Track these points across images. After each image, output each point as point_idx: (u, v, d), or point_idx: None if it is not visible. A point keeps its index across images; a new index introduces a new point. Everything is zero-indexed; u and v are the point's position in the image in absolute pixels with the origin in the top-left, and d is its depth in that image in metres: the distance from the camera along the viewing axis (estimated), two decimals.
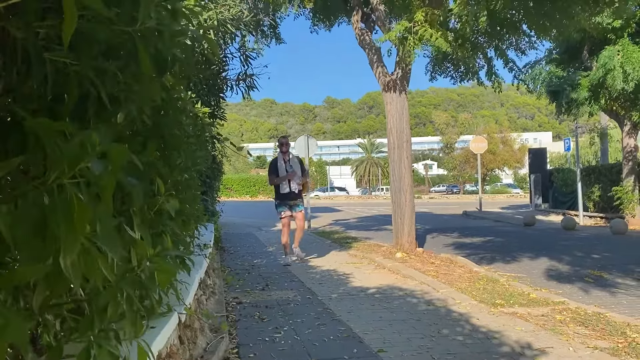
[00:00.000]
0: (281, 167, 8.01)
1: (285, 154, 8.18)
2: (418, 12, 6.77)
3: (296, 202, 8.07)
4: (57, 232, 0.81)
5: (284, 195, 7.96)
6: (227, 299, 5.39)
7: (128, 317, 1.33)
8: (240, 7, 4.98)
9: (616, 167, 16.49)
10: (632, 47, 12.22)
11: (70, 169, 0.84)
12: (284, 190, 7.93)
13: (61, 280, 0.91)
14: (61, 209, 0.82)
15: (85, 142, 0.85)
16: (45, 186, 0.84)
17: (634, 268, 7.51)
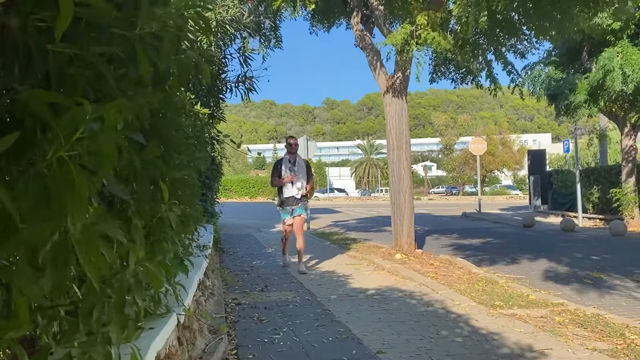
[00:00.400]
0: (285, 167, 7.52)
1: (292, 156, 7.59)
2: (420, 15, 6.78)
3: (297, 206, 7.54)
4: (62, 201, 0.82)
5: (285, 199, 7.45)
6: (226, 300, 5.38)
7: (115, 322, 1.31)
8: (239, 8, 4.98)
9: (615, 168, 16.50)
10: (631, 48, 12.24)
11: (66, 140, 0.84)
12: (286, 194, 7.43)
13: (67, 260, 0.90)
14: (62, 181, 0.82)
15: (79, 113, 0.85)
16: (45, 160, 0.84)
17: (633, 270, 7.51)
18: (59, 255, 0.89)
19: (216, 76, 6.07)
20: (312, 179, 7.69)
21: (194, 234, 4.05)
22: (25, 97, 0.84)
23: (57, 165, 0.83)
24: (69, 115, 0.84)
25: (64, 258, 0.89)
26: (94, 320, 1.20)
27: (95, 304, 1.20)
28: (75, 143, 0.84)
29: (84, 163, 0.85)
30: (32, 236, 0.83)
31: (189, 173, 3.17)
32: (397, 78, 8.49)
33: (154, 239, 1.80)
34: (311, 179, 7.66)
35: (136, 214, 1.64)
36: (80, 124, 0.83)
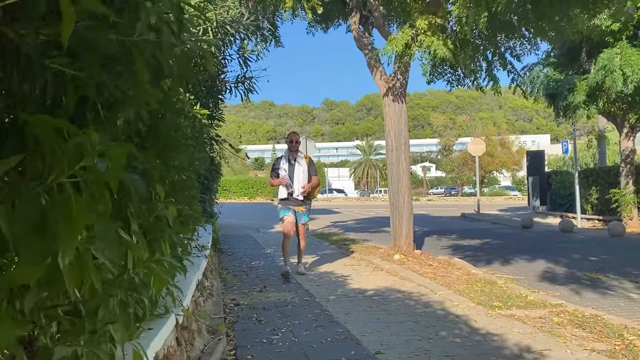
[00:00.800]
0: (284, 167, 7.02)
1: (293, 154, 7.05)
2: (420, 20, 6.79)
3: (300, 210, 7.01)
4: (56, 230, 0.82)
5: (285, 200, 7.02)
6: (224, 300, 5.38)
7: (120, 321, 1.32)
8: (240, 9, 4.99)
9: (614, 169, 16.52)
10: (630, 49, 12.25)
11: (69, 167, 0.84)
12: (283, 195, 6.99)
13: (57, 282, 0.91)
14: (60, 208, 0.83)
15: (85, 142, 0.86)
16: (45, 185, 0.85)
17: (631, 270, 7.52)
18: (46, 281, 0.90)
19: (216, 77, 6.07)
20: (316, 177, 7.10)
21: (193, 234, 4.06)
22: (30, 121, 0.84)
23: (58, 190, 0.83)
24: (74, 143, 0.84)
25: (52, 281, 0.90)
26: (99, 319, 1.21)
27: (100, 303, 1.21)
28: (77, 171, 0.84)
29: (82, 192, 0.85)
30: (23, 277, 0.84)
31: (188, 174, 3.17)
32: (397, 79, 8.49)
33: (151, 238, 1.80)
34: (315, 177, 7.08)
35: (134, 215, 1.64)
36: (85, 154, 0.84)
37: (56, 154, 0.85)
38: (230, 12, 4.66)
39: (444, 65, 9.23)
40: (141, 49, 1.14)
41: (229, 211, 17.17)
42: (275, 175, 7.13)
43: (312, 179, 7.05)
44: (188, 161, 3.13)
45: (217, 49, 5.03)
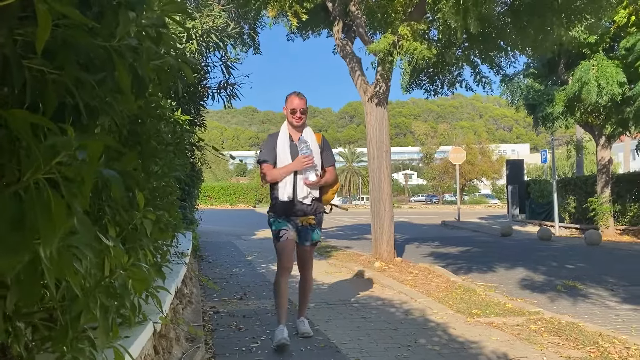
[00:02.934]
0: (284, 148, 4.17)
1: (298, 129, 4.24)
2: (402, 26, 6.88)
3: (308, 222, 4.20)
4: (35, 225, 0.82)
5: (284, 206, 4.13)
6: (204, 308, 5.34)
7: (101, 326, 1.32)
8: (225, 19, 5.00)
9: (591, 179, 16.83)
10: (606, 62, 12.53)
11: (45, 163, 0.84)
12: (284, 195, 4.09)
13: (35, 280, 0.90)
14: (39, 205, 0.82)
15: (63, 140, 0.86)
16: (22, 183, 0.84)
17: (607, 279, 7.65)
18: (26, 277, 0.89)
19: (198, 83, 6.06)
20: (333, 169, 4.34)
21: (173, 241, 4.03)
22: (7, 117, 0.84)
23: (35, 188, 0.83)
24: (51, 141, 0.84)
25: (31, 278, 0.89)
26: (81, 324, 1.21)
27: (83, 308, 1.21)
28: (53, 167, 0.84)
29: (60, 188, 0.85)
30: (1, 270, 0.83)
31: (168, 180, 3.15)
32: (379, 87, 8.56)
33: (129, 247, 1.80)
34: (331, 169, 4.32)
35: (112, 222, 1.64)
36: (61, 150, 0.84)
37: (32, 150, 0.85)
38: (216, 22, 4.66)
39: (422, 76, 9.35)
40: (121, 55, 1.14)
41: (210, 218, 17.07)
42: (269, 160, 4.17)
43: (328, 172, 4.26)
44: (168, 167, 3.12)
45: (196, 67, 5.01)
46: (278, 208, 4.18)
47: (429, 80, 9.67)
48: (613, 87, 12.02)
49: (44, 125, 0.87)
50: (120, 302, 1.67)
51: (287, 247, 4.09)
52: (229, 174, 76.00)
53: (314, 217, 4.21)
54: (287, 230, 4.10)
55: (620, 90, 12.05)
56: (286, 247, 4.09)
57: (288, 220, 4.16)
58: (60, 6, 0.89)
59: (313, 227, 4.22)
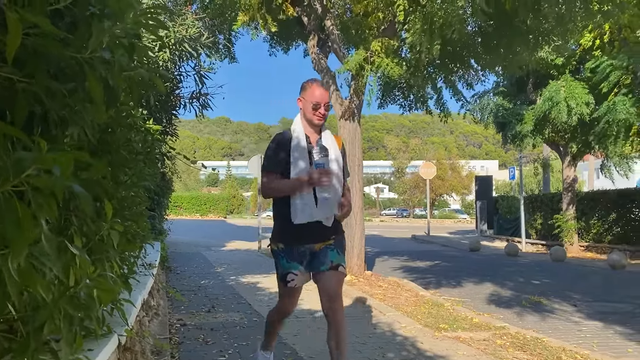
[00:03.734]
0: (302, 153, 3.09)
1: (316, 130, 3.19)
2: (375, 42, 6.98)
3: (327, 245, 3.12)
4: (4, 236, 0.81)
5: (299, 231, 3.06)
6: (171, 320, 5.26)
7: (65, 338, 1.30)
8: (199, 28, 4.99)
9: (557, 196, 17.26)
10: (574, 83, 12.95)
11: (15, 176, 0.83)
12: (304, 215, 3.02)
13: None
14: (8, 216, 0.81)
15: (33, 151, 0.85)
16: None
17: (570, 294, 7.83)
18: None
19: (170, 92, 6.01)
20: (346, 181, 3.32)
21: (140, 252, 3.96)
22: None
23: (3, 200, 0.82)
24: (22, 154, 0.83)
25: None
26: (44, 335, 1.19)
27: (47, 318, 1.18)
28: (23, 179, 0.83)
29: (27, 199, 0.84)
30: None
31: (137, 190, 3.12)
32: (352, 102, 8.64)
33: (96, 258, 1.76)
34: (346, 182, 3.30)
35: (78, 232, 1.61)
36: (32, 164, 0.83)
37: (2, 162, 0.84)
38: (189, 31, 4.65)
39: (396, 91, 9.49)
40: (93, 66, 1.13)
41: (179, 228, 16.84)
42: (277, 170, 3.09)
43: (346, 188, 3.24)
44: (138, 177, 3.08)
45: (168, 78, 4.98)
46: (290, 233, 3.03)
47: (403, 95, 9.82)
48: (582, 108, 12.41)
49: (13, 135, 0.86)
50: (85, 313, 1.64)
51: (294, 294, 3.20)
52: (200, 184, 75.26)
53: (331, 240, 3.10)
54: (297, 275, 3.07)
55: (588, 110, 12.45)
56: (294, 294, 3.20)
57: (301, 256, 3.07)
58: (31, 15, 0.89)
59: (332, 246, 3.08)
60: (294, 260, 3.07)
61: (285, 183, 3.04)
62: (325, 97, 3.11)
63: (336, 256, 3.07)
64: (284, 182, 3.04)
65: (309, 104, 3.08)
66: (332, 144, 3.16)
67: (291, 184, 3.01)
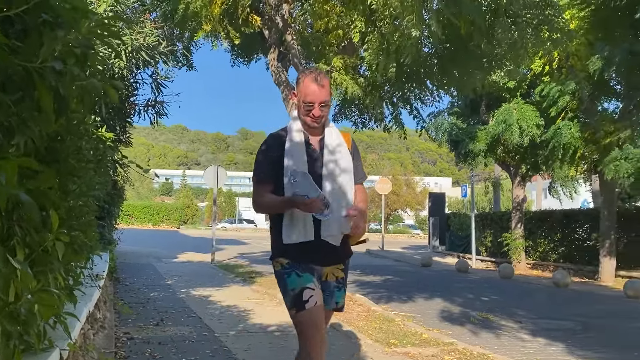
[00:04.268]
0: (300, 159, 2.51)
1: (316, 131, 2.57)
2: (336, 58, 7.08)
3: (336, 275, 2.56)
4: None
5: (302, 248, 2.44)
6: (117, 334, 5.10)
7: (2, 353, 1.24)
8: (157, 36, 4.93)
9: (506, 215, 17.80)
10: (525, 105, 13.49)
11: None
12: (302, 232, 2.44)
13: None
14: None
15: None
16: None
17: (516, 311, 8.06)
18: None
19: (125, 99, 5.90)
20: (363, 189, 2.77)
21: (87, 263, 3.84)
22: None
23: None
24: None
25: None
26: None
27: None
28: None
29: None
30: None
31: (86, 199, 3.03)
32: None
33: (39, 270, 1.71)
34: (362, 189, 2.74)
35: (21, 243, 1.55)
36: None
37: None
38: (147, 39, 4.59)
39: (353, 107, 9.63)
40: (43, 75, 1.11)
41: (130, 238, 16.40)
42: (267, 180, 2.55)
43: (359, 191, 2.67)
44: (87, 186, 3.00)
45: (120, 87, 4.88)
46: (294, 250, 2.44)
47: (359, 112, 9.96)
48: (532, 130, 12.92)
49: None
50: (24, 328, 1.58)
51: (317, 319, 2.36)
52: (153, 193, 73.64)
53: (341, 268, 2.56)
54: (315, 290, 2.38)
55: (538, 132, 12.97)
56: (317, 319, 2.36)
57: (311, 271, 2.46)
58: None
59: (340, 284, 2.55)
60: (305, 271, 2.42)
61: (276, 201, 2.47)
62: (322, 95, 2.46)
63: (342, 297, 2.59)
64: (274, 199, 2.47)
65: (300, 102, 2.51)
66: (338, 145, 2.57)
67: (282, 203, 2.43)
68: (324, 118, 2.52)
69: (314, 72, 2.53)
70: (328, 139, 2.59)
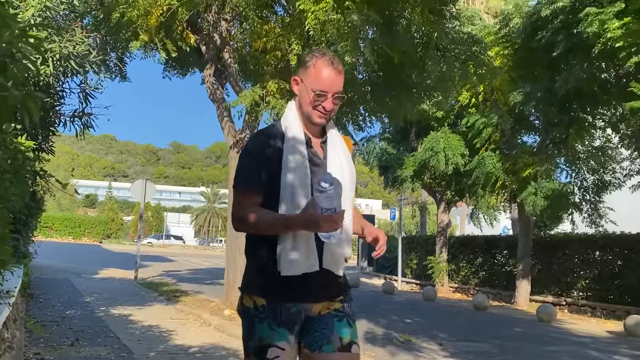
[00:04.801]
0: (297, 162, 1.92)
1: (326, 118, 2.00)
2: (271, 82, 7.15)
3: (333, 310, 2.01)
4: None
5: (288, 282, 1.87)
6: (27, 354, 4.80)
7: None
8: (88, 45, 4.77)
9: (432, 239, 18.43)
10: (452, 135, 14.11)
11: None
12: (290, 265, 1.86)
13: None
14: None
15: None
16: None
17: (438, 333, 8.32)
18: None
19: (50, 108, 5.64)
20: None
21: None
22: None
23: None
24: None
25: None
26: None
27: None
28: None
29: None
30: None
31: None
32: (245, 135, 8.67)
33: None
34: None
35: None
36: None
37: None
38: (77, 48, 4.44)
39: None
40: None
41: (48, 251, 15.52)
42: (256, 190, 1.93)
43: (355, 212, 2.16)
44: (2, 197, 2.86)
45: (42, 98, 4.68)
46: (275, 283, 1.89)
47: None
48: (457, 159, 13.52)
49: None
50: None
51: None
52: (76, 205, 70.17)
53: (339, 298, 2.07)
54: (285, 351, 1.89)
55: (463, 161, 13.59)
56: None
57: (292, 320, 1.92)
58: None
59: (341, 313, 2.04)
60: (282, 325, 1.89)
61: (269, 218, 1.88)
62: (338, 83, 1.98)
63: (347, 330, 2.01)
64: (266, 216, 1.88)
65: (308, 91, 1.95)
66: (344, 151, 2.08)
67: (278, 223, 1.88)
68: (333, 113, 2.04)
69: (327, 55, 1.98)
70: (332, 142, 2.07)
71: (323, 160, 2.00)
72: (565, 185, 13.11)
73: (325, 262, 1.93)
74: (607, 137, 13.30)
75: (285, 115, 2.05)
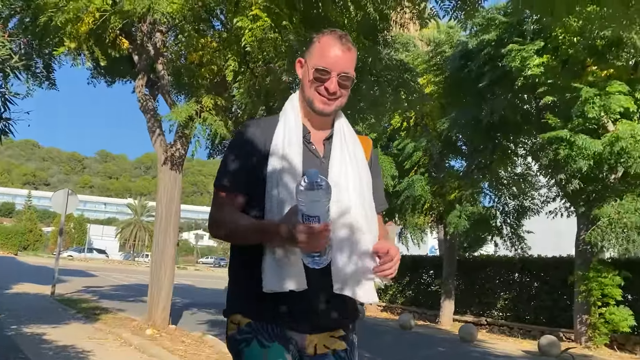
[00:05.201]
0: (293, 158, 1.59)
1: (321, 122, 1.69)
2: (207, 97, 7.08)
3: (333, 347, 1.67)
4: None
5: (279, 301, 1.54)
6: None
7: None
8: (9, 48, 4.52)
9: None
10: (384, 157, 14.48)
11: None
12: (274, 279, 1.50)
13: None
14: None
15: None
16: None
17: (363, 353, 8.39)
18: None
19: None
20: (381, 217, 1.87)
21: None
22: None
23: None
24: None
25: None
26: None
27: None
28: None
29: None
30: None
31: None
32: (176, 149, 8.48)
33: None
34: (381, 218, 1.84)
35: None
36: None
37: None
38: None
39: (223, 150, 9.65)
40: None
41: None
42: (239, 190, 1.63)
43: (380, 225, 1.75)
44: None
45: None
46: (262, 301, 1.57)
47: None
48: (388, 180, 13.86)
49: None
50: None
51: None
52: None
53: (344, 334, 1.76)
54: None
55: (393, 183, 13.95)
56: None
57: (285, 341, 1.59)
58: None
59: (340, 357, 1.71)
60: (275, 339, 1.57)
61: (249, 225, 1.58)
62: (345, 62, 1.62)
63: None
64: (246, 223, 1.59)
65: (313, 73, 1.62)
66: (354, 150, 1.74)
67: (258, 230, 1.56)
68: (340, 101, 1.65)
69: (336, 32, 1.65)
70: (340, 139, 1.71)
71: (323, 160, 1.66)
72: (488, 209, 13.76)
73: (337, 287, 1.55)
74: (527, 165, 14.13)
75: (284, 107, 1.73)
